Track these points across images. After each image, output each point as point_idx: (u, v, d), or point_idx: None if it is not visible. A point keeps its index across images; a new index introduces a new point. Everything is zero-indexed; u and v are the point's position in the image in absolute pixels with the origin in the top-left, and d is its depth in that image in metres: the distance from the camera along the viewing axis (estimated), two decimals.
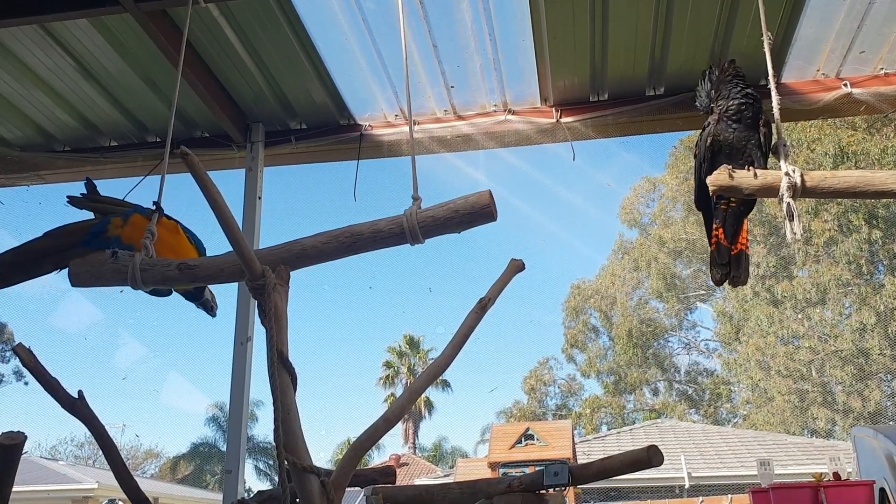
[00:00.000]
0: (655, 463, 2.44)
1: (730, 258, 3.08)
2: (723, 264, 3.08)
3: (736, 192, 2.87)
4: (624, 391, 31.17)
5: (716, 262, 3.10)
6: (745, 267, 3.07)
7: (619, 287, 30.92)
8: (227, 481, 4.39)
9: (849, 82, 4.39)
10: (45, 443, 39.62)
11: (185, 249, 3.10)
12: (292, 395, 1.87)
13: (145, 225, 2.93)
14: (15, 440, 2.07)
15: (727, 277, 3.09)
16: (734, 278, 3.08)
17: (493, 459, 14.84)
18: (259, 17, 4.05)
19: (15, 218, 27.22)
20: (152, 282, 2.70)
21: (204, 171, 1.90)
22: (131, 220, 3.06)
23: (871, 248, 22.10)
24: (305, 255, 2.59)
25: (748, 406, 27.92)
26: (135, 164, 5.06)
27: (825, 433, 23.68)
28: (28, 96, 4.65)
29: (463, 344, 2.39)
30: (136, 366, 45.02)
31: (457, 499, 2.67)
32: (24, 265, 3.18)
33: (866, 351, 21.97)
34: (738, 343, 26.62)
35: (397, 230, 2.57)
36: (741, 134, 2.95)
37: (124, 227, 3.04)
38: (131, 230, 3.01)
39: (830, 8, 3.99)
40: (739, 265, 3.07)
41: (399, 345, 40.92)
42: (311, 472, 1.82)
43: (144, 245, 2.80)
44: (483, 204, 2.51)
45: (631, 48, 4.26)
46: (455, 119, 4.79)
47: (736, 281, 3.08)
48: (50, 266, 3.16)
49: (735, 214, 3.09)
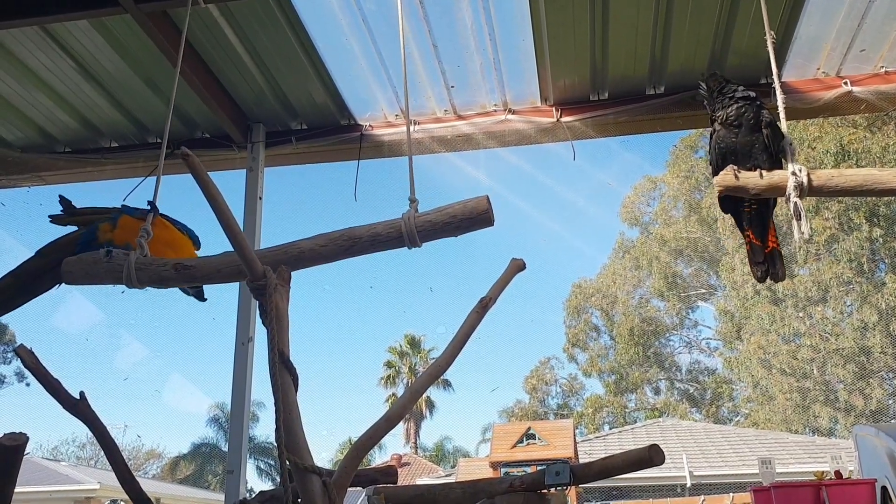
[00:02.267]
0: (657, 462, 2.45)
1: (765, 256, 3.16)
2: (759, 262, 3.17)
3: (742, 192, 2.89)
4: (625, 390, 31.18)
5: (753, 261, 3.19)
6: (782, 262, 3.16)
7: (621, 286, 30.94)
8: (228, 481, 4.39)
9: (849, 80, 4.39)
10: (47, 444, 39.65)
11: (179, 240, 3.11)
12: (293, 395, 1.87)
13: (136, 225, 2.94)
14: (17, 441, 2.07)
15: (767, 274, 3.16)
16: (773, 274, 3.16)
17: (495, 459, 14.86)
18: (259, 17, 4.05)
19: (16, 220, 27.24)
20: (148, 281, 2.70)
21: (205, 171, 1.91)
22: (120, 223, 3.06)
23: (872, 246, 22.08)
24: (303, 258, 2.60)
25: (750, 404, 27.94)
26: (136, 164, 5.06)
27: (827, 431, 23.69)
28: (28, 97, 4.65)
29: (464, 343, 2.39)
30: (138, 366, 45.08)
31: (458, 498, 2.67)
32: (25, 286, 3.21)
33: (868, 349, 21.97)
34: (739, 341, 26.64)
35: (395, 234, 2.58)
36: (745, 138, 2.97)
37: (115, 231, 3.04)
38: (122, 232, 3.01)
39: (831, 6, 3.99)
40: (775, 262, 3.15)
41: (400, 344, 40.97)
42: (312, 472, 1.82)
43: (139, 244, 2.80)
44: (481, 209, 2.52)
45: (631, 47, 4.26)
46: (455, 119, 4.79)
47: (776, 277, 3.16)
48: (49, 282, 3.18)
49: (760, 215, 3.16)
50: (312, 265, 2.63)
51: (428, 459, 35.48)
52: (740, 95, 3.07)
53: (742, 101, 3.05)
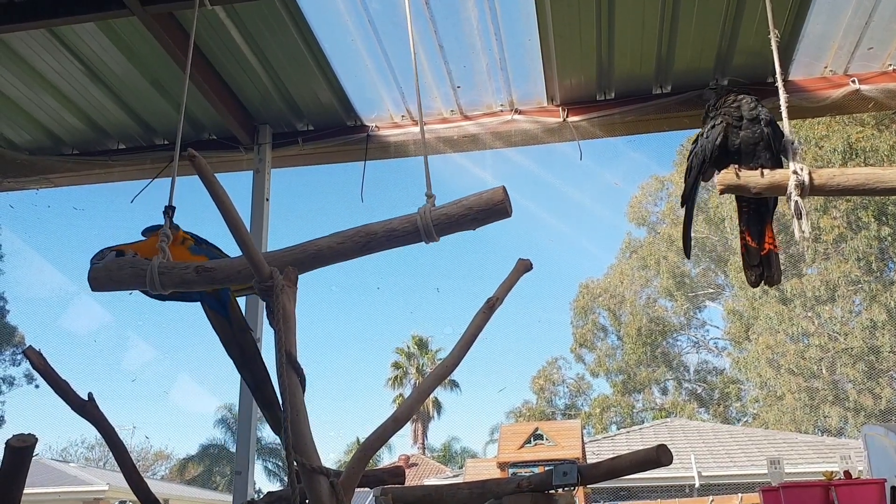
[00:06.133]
0: (665, 462, 2.43)
1: (760, 259, 3.09)
2: (755, 266, 3.10)
3: (743, 191, 2.87)
4: (633, 390, 31.09)
5: (748, 264, 3.12)
6: (777, 266, 3.09)
7: (628, 286, 30.86)
8: (236, 482, 4.41)
9: (857, 79, 4.38)
10: (56, 445, 39.83)
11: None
12: (301, 396, 1.87)
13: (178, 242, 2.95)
14: (26, 442, 2.07)
15: (762, 278, 3.10)
16: (768, 278, 3.09)
17: (503, 459, 14.82)
18: (265, 19, 4.06)
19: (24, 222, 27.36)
20: (171, 285, 2.71)
21: (212, 173, 1.91)
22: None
23: (880, 245, 21.97)
24: (321, 256, 2.59)
25: (758, 404, 27.82)
26: (143, 166, 5.08)
27: (836, 431, 23.57)
28: (36, 100, 4.68)
29: (471, 344, 2.38)
30: (146, 368, 45.20)
31: (466, 499, 2.66)
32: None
33: (877, 348, 21.85)
34: (747, 341, 26.52)
35: (411, 228, 2.55)
36: (747, 135, 2.95)
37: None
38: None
39: (838, 4, 3.97)
40: (771, 265, 3.08)
41: (407, 345, 40.95)
42: (320, 472, 1.82)
43: (161, 248, 2.81)
44: (497, 200, 2.49)
45: (637, 47, 4.25)
46: (461, 119, 4.79)
47: (770, 280, 3.09)
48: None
49: (757, 216, 3.11)
50: (330, 263, 2.62)
51: (436, 460, 35.48)
52: (746, 96, 3.06)
53: (748, 101, 3.04)
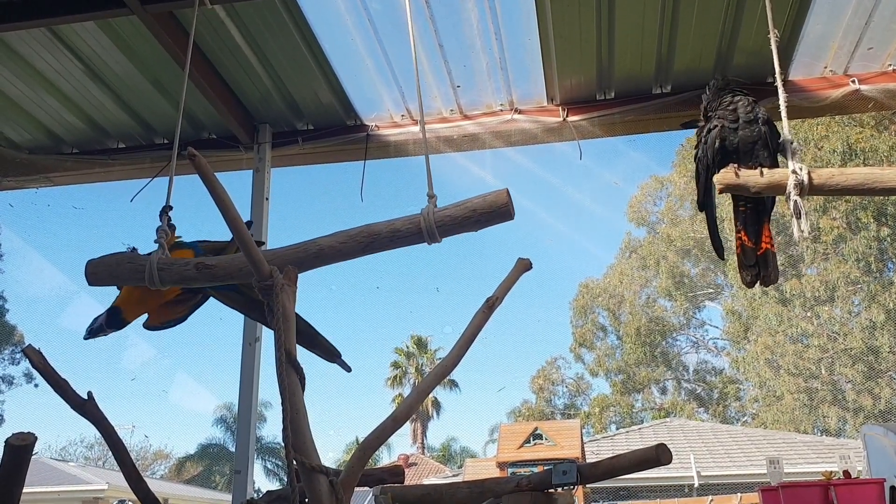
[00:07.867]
0: (664, 462, 2.44)
1: (757, 259, 3.08)
2: (751, 265, 3.08)
3: (742, 190, 2.87)
4: (632, 390, 31.10)
5: (744, 264, 3.10)
6: (774, 265, 3.07)
7: (628, 286, 30.87)
8: (236, 481, 4.40)
9: (857, 79, 4.37)
10: (56, 444, 39.83)
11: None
12: (301, 396, 1.87)
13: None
14: (25, 441, 2.07)
15: (758, 278, 3.08)
16: (764, 278, 3.08)
17: (502, 459, 14.83)
18: (265, 18, 4.06)
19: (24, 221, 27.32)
20: (170, 281, 2.71)
21: (212, 172, 1.91)
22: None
23: (879, 246, 21.98)
24: (323, 255, 2.59)
25: (757, 404, 27.83)
26: (143, 165, 5.08)
27: (835, 431, 23.57)
28: (36, 99, 4.67)
29: (470, 344, 2.39)
30: (145, 367, 45.23)
31: (465, 498, 2.67)
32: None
33: (876, 349, 21.86)
34: (746, 341, 26.54)
35: (415, 229, 2.55)
36: (745, 134, 2.94)
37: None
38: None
39: (838, 4, 3.97)
40: (767, 265, 3.07)
41: (407, 345, 40.99)
42: (319, 471, 1.82)
43: (159, 244, 2.81)
44: (501, 202, 2.49)
45: (637, 46, 4.25)
46: (461, 118, 4.78)
47: (767, 280, 3.08)
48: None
49: (755, 215, 3.10)
50: (332, 262, 2.62)
51: (435, 459, 35.50)
52: (742, 94, 3.06)
53: (742, 99, 3.04)
